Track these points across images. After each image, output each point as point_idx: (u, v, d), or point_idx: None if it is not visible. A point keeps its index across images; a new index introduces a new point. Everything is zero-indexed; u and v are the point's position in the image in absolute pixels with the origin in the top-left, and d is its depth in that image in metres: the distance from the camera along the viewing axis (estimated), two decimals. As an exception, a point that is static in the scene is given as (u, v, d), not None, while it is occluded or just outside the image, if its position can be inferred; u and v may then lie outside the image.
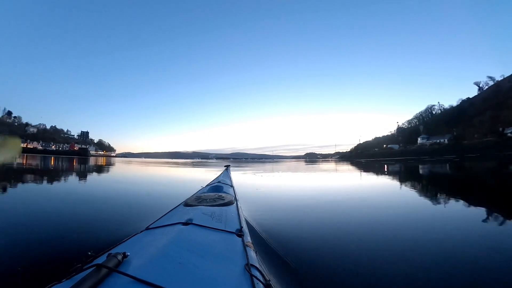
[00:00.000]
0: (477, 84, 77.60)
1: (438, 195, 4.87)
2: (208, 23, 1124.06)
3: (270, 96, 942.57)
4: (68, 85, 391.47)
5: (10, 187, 5.16)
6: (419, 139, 73.22)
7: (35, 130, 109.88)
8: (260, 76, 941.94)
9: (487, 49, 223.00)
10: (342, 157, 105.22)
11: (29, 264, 1.60)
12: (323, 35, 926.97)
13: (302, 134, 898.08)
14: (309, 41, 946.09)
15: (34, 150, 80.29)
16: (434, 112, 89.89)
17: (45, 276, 1.41)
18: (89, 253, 0.88)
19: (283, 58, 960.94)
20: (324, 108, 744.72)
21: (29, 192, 4.65)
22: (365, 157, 73.10)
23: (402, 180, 8.03)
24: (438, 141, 64.22)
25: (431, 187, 6.32)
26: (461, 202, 3.94)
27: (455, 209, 3.54)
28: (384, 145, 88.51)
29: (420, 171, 12.03)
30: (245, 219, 1.89)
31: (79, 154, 75.21)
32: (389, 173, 10.87)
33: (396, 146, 76.57)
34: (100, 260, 0.84)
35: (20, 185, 5.55)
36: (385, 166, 17.97)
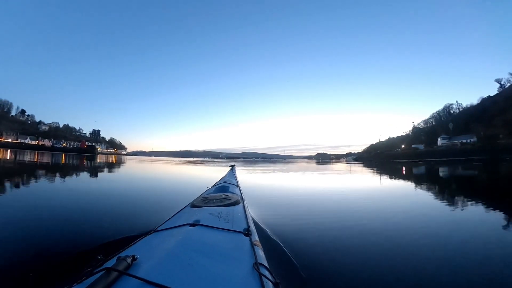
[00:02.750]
0: (498, 81, 72.80)
1: None
2: (219, 24, 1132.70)
3: (281, 96, 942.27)
4: (83, 86, 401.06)
5: (19, 185, 5.00)
6: (439, 139, 69.01)
7: (47, 128, 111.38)
8: (271, 76, 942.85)
9: (502, 47, 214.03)
10: (360, 158, 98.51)
11: (40, 269, 1.61)
12: (334, 35, 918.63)
13: (312, 135, 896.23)
14: (321, 41, 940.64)
15: (42, 147, 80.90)
16: (452, 112, 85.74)
17: (56, 281, 1.45)
18: (99, 257, 0.90)
19: (295, 58, 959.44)
20: (335, 109, 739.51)
21: (36, 193, 4.34)
22: (386, 157, 68.76)
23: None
24: (463, 141, 60.11)
25: None
26: None
27: None
28: (403, 145, 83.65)
29: None
30: (253, 218, 1.90)
31: (86, 152, 75.35)
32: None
33: (421, 146, 71.26)
34: (110, 263, 0.85)
35: (25, 185, 5.16)
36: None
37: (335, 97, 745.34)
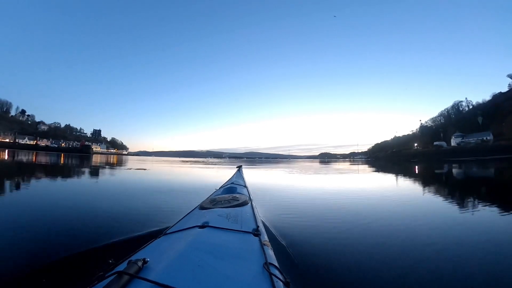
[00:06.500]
0: (510, 76, 69.83)
1: None
2: (222, 24, 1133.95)
3: (284, 96, 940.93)
4: (86, 87, 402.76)
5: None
6: (453, 137, 65.08)
7: (46, 128, 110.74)
8: (274, 76, 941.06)
9: (508, 44, 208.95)
10: (375, 158, 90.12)
11: (54, 274, 1.65)
12: (338, 33, 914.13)
13: (315, 134, 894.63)
14: (325, 40, 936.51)
15: (37, 147, 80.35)
16: (461, 109, 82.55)
17: (68, 285, 1.49)
18: (110, 261, 0.91)
19: (298, 58, 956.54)
20: (337, 108, 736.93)
21: (45, 197, 4.22)
22: (405, 157, 64.03)
23: None
24: (478, 138, 56.51)
25: None
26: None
27: None
28: (416, 144, 79.44)
29: None
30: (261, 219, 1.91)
31: (80, 151, 74.23)
32: None
33: (444, 144, 66.73)
34: (121, 267, 0.86)
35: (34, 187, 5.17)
36: None
37: (337, 97, 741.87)
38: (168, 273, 0.81)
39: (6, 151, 38.07)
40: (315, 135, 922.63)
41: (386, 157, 79.79)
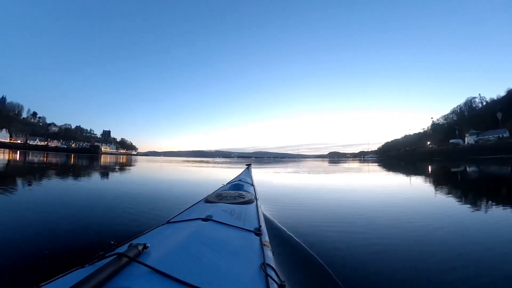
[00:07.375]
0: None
1: None
2: (230, 25, 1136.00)
3: (293, 95, 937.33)
4: (98, 89, 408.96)
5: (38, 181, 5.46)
6: (467, 135, 62.92)
7: (57, 129, 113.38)
8: (283, 76, 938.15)
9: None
10: (387, 157, 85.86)
11: (56, 249, 1.82)
12: (347, 32, 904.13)
13: (324, 133, 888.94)
14: (334, 38, 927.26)
15: (47, 148, 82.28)
16: (474, 106, 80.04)
17: (69, 260, 1.55)
18: (112, 242, 0.95)
19: (307, 57, 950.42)
20: (346, 107, 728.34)
21: (57, 186, 4.77)
22: (420, 155, 61.73)
23: None
24: (494, 136, 54.31)
25: None
26: None
27: None
28: (429, 142, 76.80)
29: None
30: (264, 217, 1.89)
31: (89, 152, 75.98)
32: None
33: (460, 141, 64.27)
34: (122, 249, 0.88)
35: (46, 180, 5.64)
36: None
37: (346, 95, 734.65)
38: (167, 261, 0.82)
39: (18, 152, 38.79)
40: (324, 134, 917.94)
41: (399, 156, 76.69)
